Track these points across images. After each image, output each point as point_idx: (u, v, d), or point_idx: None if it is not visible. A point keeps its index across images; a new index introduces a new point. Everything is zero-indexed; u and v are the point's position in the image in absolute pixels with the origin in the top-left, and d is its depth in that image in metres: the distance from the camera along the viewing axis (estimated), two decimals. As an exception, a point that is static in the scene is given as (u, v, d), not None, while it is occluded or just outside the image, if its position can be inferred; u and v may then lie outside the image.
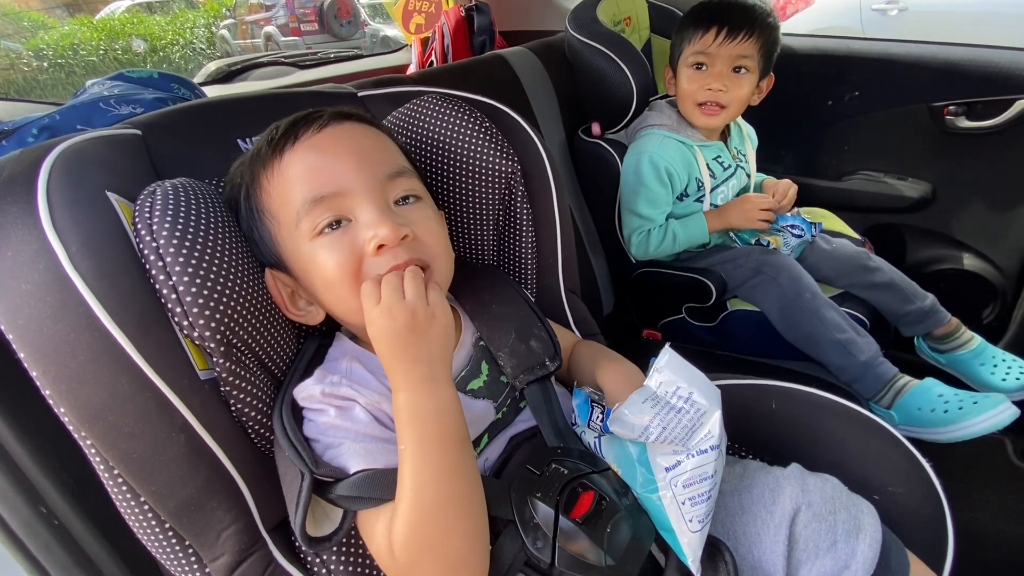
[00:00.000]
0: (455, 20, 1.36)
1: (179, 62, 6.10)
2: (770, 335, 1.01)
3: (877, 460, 0.53)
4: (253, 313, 0.47)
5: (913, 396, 0.89)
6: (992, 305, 1.26)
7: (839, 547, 0.45)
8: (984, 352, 1.01)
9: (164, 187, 0.46)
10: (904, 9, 3.32)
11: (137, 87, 0.82)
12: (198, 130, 0.60)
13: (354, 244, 0.47)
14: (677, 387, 0.44)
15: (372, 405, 0.47)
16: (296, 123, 0.49)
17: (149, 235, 0.42)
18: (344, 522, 0.45)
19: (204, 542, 0.46)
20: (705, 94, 1.04)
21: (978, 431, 0.83)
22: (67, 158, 0.44)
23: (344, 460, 0.44)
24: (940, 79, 1.21)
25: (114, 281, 0.40)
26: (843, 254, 1.07)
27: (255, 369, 0.48)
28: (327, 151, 0.48)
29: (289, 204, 0.48)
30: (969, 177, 1.24)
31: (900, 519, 0.49)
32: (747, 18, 1.00)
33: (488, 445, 0.53)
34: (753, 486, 0.50)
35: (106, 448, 0.41)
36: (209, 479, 0.44)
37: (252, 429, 0.48)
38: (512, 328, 0.57)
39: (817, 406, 0.57)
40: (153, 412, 0.41)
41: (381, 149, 0.52)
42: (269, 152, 0.49)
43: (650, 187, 1.06)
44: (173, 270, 0.41)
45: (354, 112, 0.53)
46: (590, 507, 0.45)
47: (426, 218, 0.51)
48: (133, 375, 0.40)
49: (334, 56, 1.68)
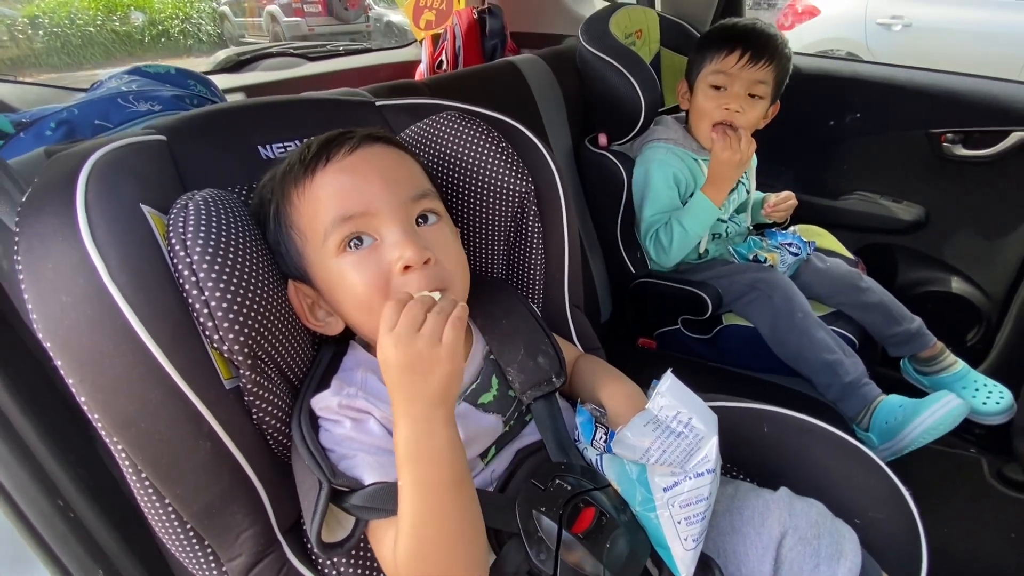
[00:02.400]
0: (467, 22, 1.36)
1: (178, 37, 5.99)
2: (762, 350, 1.04)
3: (859, 486, 0.56)
4: (277, 326, 0.48)
5: (880, 413, 0.94)
6: (977, 328, 1.31)
7: (822, 570, 0.48)
8: (967, 376, 1.05)
9: (196, 201, 0.47)
10: (908, 25, 3.35)
11: (154, 83, 0.83)
12: (221, 136, 0.61)
13: (381, 264, 0.49)
14: (677, 412, 0.47)
15: (386, 418, 0.49)
16: (329, 143, 0.51)
17: (183, 251, 0.43)
18: (356, 529, 0.47)
19: (223, 543, 0.48)
20: (722, 113, 1.06)
21: (928, 425, 0.88)
22: (102, 169, 0.45)
23: (359, 471, 0.46)
24: (940, 106, 1.24)
25: (150, 295, 0.41)
26: (836, 274, 1.10)
27: (276, 379, 0.50)
28: (357, 173, 0.50)
29: (318, 221, 0.50)
30: (962, 203, 1.28)
31: (879, 543, 0.53)
32: (769, 45, 1.04)
33: (495, 457, 0.55)
34: (744, 508, 0.52)
35: (136, 453, 0.43)
36: (231, 484, 0.46)
37: (271, 436, 0.50)
38: (522, 344, 0.59)
39: (805, 431, 0.60)
40: (182, 420, 0.43)
41: (407, 172, 0.54)
42: (301, 171, 0.51)
43: (660, 192, 1.10)
44: (206, 285, 0.43)
45: (383, 134, 0.55)
46: (591, 523, 0.48)
47: (445, 239, 0.53)
48: (166, 386, 0.41)
49: (343, 49, 1.67)
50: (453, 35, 1.38)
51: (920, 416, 0.89)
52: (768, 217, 1.23)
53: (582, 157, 1.22)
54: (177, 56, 5.69)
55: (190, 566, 0.49)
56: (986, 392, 1.03)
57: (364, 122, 0.66)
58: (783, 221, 1.24)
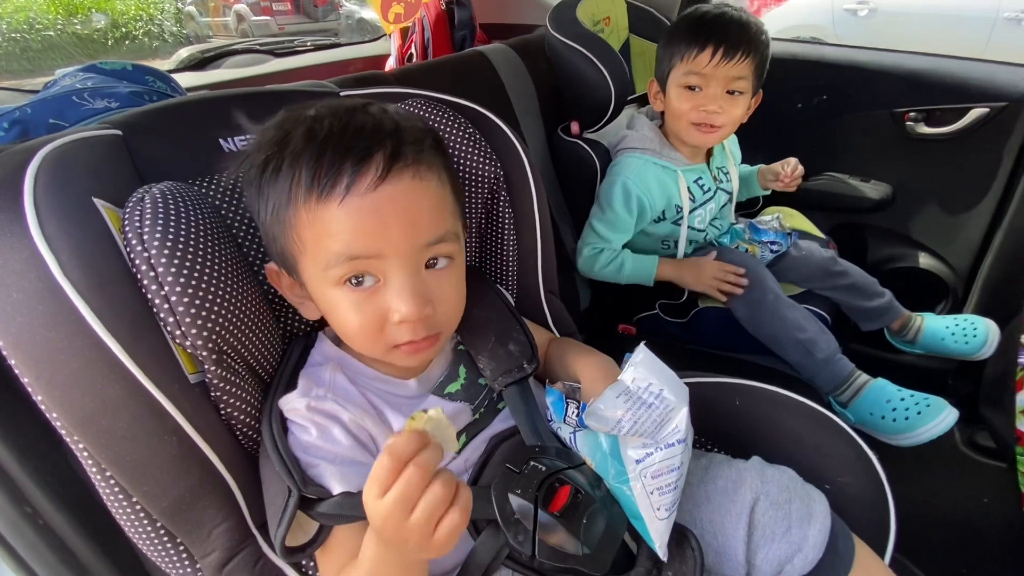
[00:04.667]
0: (435, 13, 1.35)
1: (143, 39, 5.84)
2: (737, 331, 1.05)
3: (829, 453, 0.57)
4: (243, 319, 0.48)
5: (865, 400, 0.95)
6: (944, 302, 1.34)
7: (793, 532, 0.49)
8: (938, 328, 1.09)
9: (152, 194, 0.46)
10: (874, 10, 3.42)
11: (111, 80, 0.80)
12: (179, 130, 0.60)
13: (379, 308, 0.47)
14: (649, 383, 0.47)
15: (354, 422, 0.49)
16: (346, 161, 0.43)
17: (140, 245, 0.43)
18: (320, 535, 0.47)
19: (195, 539, 0.47)
20: (699, 115, 1.00)
21: (924, 439, 0.89)
22: (51, 163, 0.44)
23: (324, 480, 0.46)
24: (902, 86, 1.27)
25: (105, 289, 0.40)
26: (812, 261, 1.11)
27: (244, 373, 0.49)
28: (379, 214, 0.44)
29: (324, 248, 0.45)
30: (926, 180, 1.31)
31: (848, 506, 0.54)
32: (744, 37, 0.95)
33: (468, 445, 0.55)
34: (717, 478, 0.53)
35: (99, 451, 0.42)
36: (200, 479, 0.46)
37: (240, 431, 0.50)
38: (492, 332, 0.59)
39: (776, 403, 0.61)
40: (146, 416, 0.42)
41: (431, 210, 0.48)
42: (316, 191, 0.44)
43: (616, 211, 1.05)
44: (165, 280, 0.42)
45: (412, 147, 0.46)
46: (567, 501, 0.48)
47: (449, 285, 0.50)
48: (126, 381, 0.40)
49: (311, 44, 1.64)
50: (422, 27, 1.36)
51: (917, 430, 0.89)
52: (784, 190, 1.19)
53: (556, 146, 1.22)
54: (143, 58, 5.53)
55: (163, 565, 0.49)
56: (961, 332, 1.07)
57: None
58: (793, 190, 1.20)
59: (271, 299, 0.58)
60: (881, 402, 0.94)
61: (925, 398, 0.92)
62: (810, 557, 0.49)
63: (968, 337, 1.06)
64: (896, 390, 0.94)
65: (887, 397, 0.94)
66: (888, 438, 0.93)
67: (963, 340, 1.06)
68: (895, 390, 0.94)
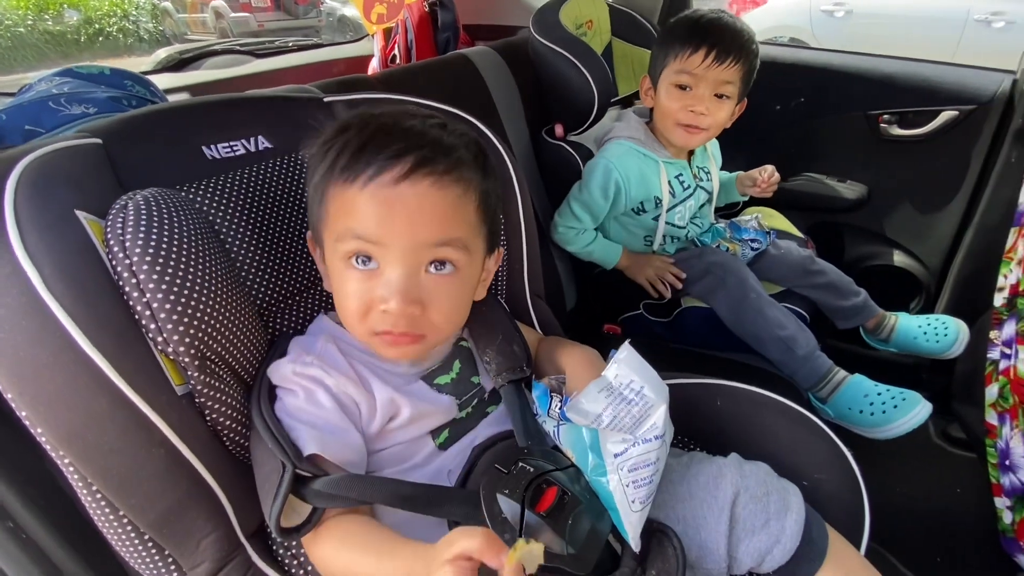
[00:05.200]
0: (419, 15, 1.35)
1: (117, 36, 5.70)
2: (720, 330, 1.07)
3: (806, 451, 0.59)
4: (227, 325, 0.48)
5: (843, 395, 0.97)
6: (918, 298, 1.39)
7: (771, 524, 0.51)
8: (910, 327, 1.13)
9: (135, 200, 0.46)
10: (850, 11, 3.49)
11: (88, 84, 0.79)
12: (162, 138, 0.59)
13: (372, 292, 0.50)
14: (631, 380, 0.49)
15: (338, 387, 0.51)
16: (380, 155, 0.48)
17: (122, 252, 0.42)
18: (313, 516, 0.47)
19: (184, 551, 0.47)
20: (687, 116, 1.03)
21: (901, 432, 0.92)
22: (31, 175, 0.43)
23: (302, 443, 0.47)
24: (876, 89, 1.31)
25: (90, 303, 0.40)
26: (790, 260, 1.14)
27: (228, 379, 0.49)
28: (391, 206, 0.48)
29: (339, 221, 0.50)
30: (900, 181, 1.35)
31: (824, 502, 0.56)
32: (736, 43, 0.98)
33: (450, 447, 0.56)
34: (699, 474, 0.55)
35: (84, 465, 0.42)
36: (188, 490, 0.46)
37: (227, 437, 0.50)
38: (500, 331, 0.62)
39: (756, 403, 0.63)
40: (132, 429, 0.42)
41: (443, 214, 0.50)
42: (342, 171, 0.49)
43: (592, 192, 1.08)
44: (147, 287, 0.42)
45: (444, 161, 0.50)
46: (553, 501, 0.49)
47: (447, 293, 0.52)
48: (112, 395, 0.40)
49: (293, 44, 1.63)
50: (404, 29, 1.36)
51: (892, 424, 0.92)
52: (760, 196, 1.24)
53: (540, 148, 1.23)
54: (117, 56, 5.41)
55: (151, 578, 0.49)
56: (932, 330, 1.10)
57: (312, 120, 0.65)
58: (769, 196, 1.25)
59: (259, 303, 0.59)
60: (859, 397, 0.96)
61: (901, 392, 0.95)
62: (788, 547, 0.50)
63: (939, 336, 1.09)
64: (873, 385, 0.97)
65: (864, 392, 0.96)
66: (866, 431, 0.96)
67: (934, 339, 1.10)
68: (872, 385, 0.97)
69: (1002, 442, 0.88)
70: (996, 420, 0.89)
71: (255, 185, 0.60)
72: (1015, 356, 0.85)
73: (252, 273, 0.57)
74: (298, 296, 0.63)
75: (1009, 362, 0.86)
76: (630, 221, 1.15)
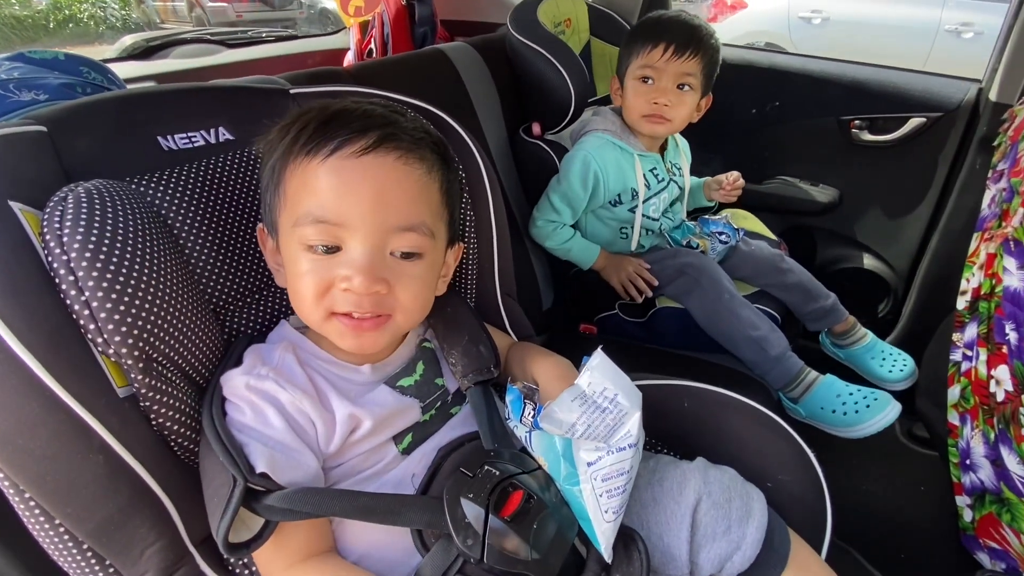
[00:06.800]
0: (395, 9, 1.33)
1: (88, 22, 5.52)
2: (694, 330, 1.08)
3: (770, 452, 0.60)
4: (175, 326, 0.45)
5: (815, 395, 0.99)
6: (887, 301, 1.42)
7: (733, 531, 0.51)
8: (875, 347, 1.14)
9: (76, 192, 0.44)
10: (827, 19, 3.56)
11: (40, 70, 0.75)
12: (114, 126, 0.56)
13: (330, 273, 0.48)
14: (604, 387, 0.48)
15: (293, 404, 0.48)
16: (343, 130, 0.47)
17: (59, 248, 0.40)
18: (265, 531, 0.45)
19: (126, 561, 0.45)
20: (651, 107, 1.07)
21: (871, 431, 0.94)
22: None
23: (253, 459, 0.44)
24: (848, 95, 1.33)
25: (20, 299, 0.38)
26: (760, 257, 1.16)
27: (178, 382, 0.47)
28: (352, 182, 0.47)
29: (298, 203, 0.48)
30: (870, 185, 1.38)
31: (788, 503, 0.56)
32: (693, 37, 1.05)
33: (414, 451, 0.54)
34: (664, 479, 0.55)
35: (15, 472, 0.39)
36: (131, 498, 0.43)
37: (176, 443, 0.47)
38: (465, 332, 0.61)
39: (722, 404, 0.63)
40: (68, 434, 0.39)
41: (410, 194, 0.50)
42: (303, 146, 0.48)
43: (572, 183, 1.09)
44: (86, 285, 0.40)
45: (408, 139, 0.50)
46: (518, 506, 0.48)
47: (414, 278, 0.51)
48: (44, 398, 0.38)
49: (267, 35, 1.59)
50: (381, 22, 1.34)
51: (863, 423, 0.94)
52: (724, 199, 1.27)
53: (517, 146, 1.22)
54: (88, 43, 5.24)
55: (92, 589, 0.46)
56: (891, 361, 1.12)
57: (276, 112, 0.63)
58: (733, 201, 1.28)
59: (215, 303, 0.56)
60: (830, 397, 0.98)
61: (872, 392, 0.97)
62: (748, 554, 0.50)
63: (896, 368, 1.11)
64: (844, 386, 0.99)
65: (836, 392, 0.98)
66: (837, 431, 0.97)
67: (888, 368, 1.12)
68: (843, 386, 0.99)
69: (963, 442, 0.90)
70: (958, 420, 0.91)
71: (214, 178, 0.58)
72: (976, 358, 0.87)
73: (207, 271, 0.55)
74: (257, 295, 0.60)
75: (971, 364, 0.88)
76: (606, 214, 1.16)
